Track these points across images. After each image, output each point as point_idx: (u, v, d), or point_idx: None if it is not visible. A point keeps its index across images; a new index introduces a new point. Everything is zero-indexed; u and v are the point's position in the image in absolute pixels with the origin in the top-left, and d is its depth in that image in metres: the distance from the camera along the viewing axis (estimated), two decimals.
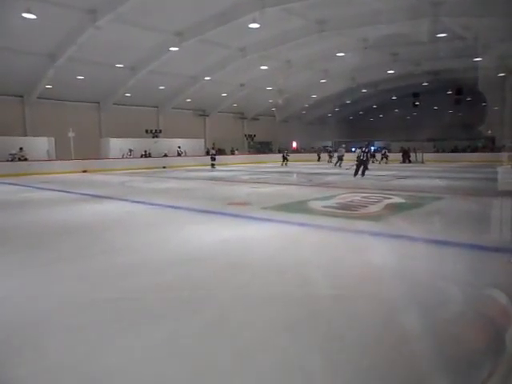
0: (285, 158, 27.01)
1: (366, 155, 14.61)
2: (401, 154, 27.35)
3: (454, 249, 4.75)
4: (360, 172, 14.50)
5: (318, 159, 31.14)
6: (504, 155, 23.79)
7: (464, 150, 30.17)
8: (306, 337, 2.63)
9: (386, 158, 27.11)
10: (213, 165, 23.00)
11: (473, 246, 4.73)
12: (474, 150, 30.27)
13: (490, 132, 31.96)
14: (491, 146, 31.11)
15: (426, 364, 2.29)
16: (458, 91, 29.93)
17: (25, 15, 14.57)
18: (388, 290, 3.42)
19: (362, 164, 14.53)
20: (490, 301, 3.18)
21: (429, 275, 3.76)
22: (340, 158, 22.71)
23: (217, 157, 25.23)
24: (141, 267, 4.17)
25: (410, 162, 26.25)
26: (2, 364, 2.39)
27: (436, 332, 2.64)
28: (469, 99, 32.01)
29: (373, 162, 24.49)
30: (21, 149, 20.57)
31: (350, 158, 28.71)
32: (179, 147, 28.46)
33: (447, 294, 3.33)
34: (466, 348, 2.48)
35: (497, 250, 4.63)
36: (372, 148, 24.06)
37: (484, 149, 30.21)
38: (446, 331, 2.67)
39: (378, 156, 27.31)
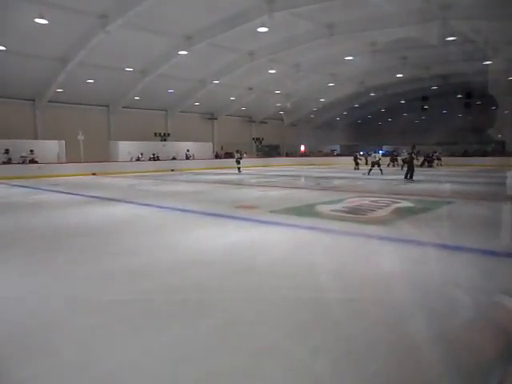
0: (356, 161, 23.89)
1: (411, 157, 15.27)
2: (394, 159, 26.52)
3: (462, 254, 4.72)
4: (409, 175, 15.00)
5: (366, 163, 29.84)
6: None
7: (474, 154, 29.80)
8: (315, 340, 2.63)
9: (396, 161, 26.77)
10: (238, 168, 22.94)
11: (481, 251, 4.69)
12: (484, 154, 29.86)
13: (499, 136, 31.62)
14: (501, 150, 30.77)
15: (434, 369, 2.28)
16: (468, 95, 29.61)
17: (37, 20, 14.80)
18: (396, 294, 3.41)
19: (411, 167, 15.13)
20: (501, 307, 3.16)
21: (437, 280, 3.74)
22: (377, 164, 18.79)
23: (225, 160, 25.16)
24: (150, 269, 4.20)
25: (431, 166, 25.67)
26: (8, 364, 2.41)
27: (446, 337, 2.63)
28: (478, 103, 31.69)
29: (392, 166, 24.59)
30: (31, 151, 20.83)
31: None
32: (188, 150, 28.63)
33: (456, 299, 3.31)
34: (476, 354, 2.46)
35: (508, 255, 4.60)
36: (380, 152, 23.65)
37: (494, 153, 29.81)
38: (456, 337, 2.65)
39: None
